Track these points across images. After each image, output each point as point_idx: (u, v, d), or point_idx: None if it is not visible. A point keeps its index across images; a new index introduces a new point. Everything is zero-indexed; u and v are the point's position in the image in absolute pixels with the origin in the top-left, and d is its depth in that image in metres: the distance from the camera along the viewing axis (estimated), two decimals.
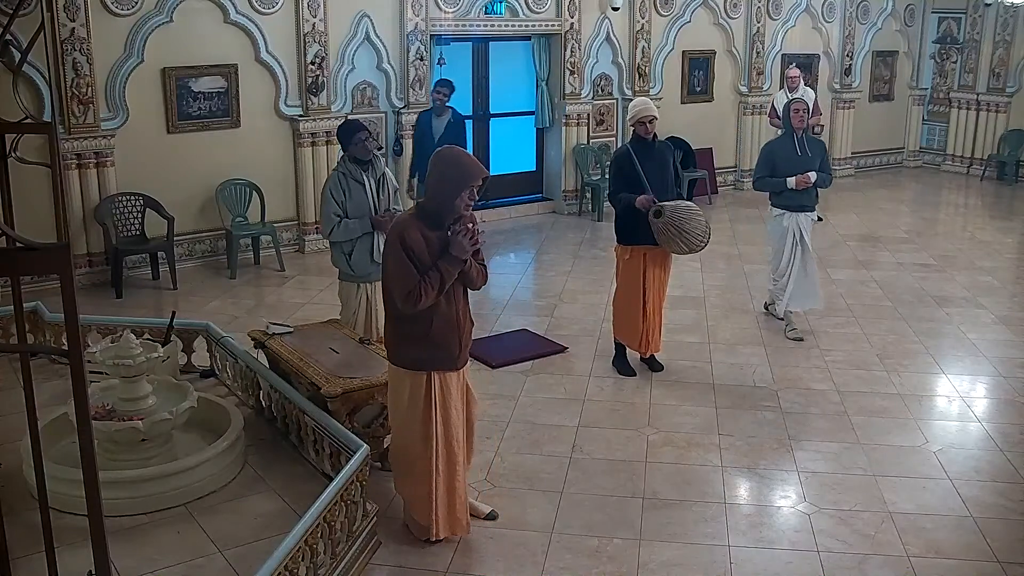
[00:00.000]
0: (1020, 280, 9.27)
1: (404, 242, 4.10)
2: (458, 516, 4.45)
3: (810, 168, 7.16)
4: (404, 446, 4.42)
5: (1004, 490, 5.10)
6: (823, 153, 7.36)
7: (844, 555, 4.46)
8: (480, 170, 4.20)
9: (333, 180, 5.75)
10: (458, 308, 4.29)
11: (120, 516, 4.30)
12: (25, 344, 3.42)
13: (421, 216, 4.21)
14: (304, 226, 9.99)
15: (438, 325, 4.20)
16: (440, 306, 4.20)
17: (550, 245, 10.55)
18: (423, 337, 4.20)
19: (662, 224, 6.14)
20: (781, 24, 13.46)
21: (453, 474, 4.38)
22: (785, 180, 7.14)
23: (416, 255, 4.10)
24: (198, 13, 9.00)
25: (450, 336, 4.25)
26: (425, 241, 4.13)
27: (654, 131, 6.36)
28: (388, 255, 4.19)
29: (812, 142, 7.36)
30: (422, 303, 4.10)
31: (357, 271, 5.82)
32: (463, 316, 4.33)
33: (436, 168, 4.22)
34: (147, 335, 5.81)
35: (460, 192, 4.14)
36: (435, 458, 4.31)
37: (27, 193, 7.15)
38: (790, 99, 7.49)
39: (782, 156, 7.23)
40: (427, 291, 4.08)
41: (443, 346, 4.24)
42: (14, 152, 2.95)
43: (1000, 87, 14.28)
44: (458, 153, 4.30)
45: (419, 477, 4.37)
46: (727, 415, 6.01)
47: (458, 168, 4.16)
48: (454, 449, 4.36)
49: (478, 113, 11.68)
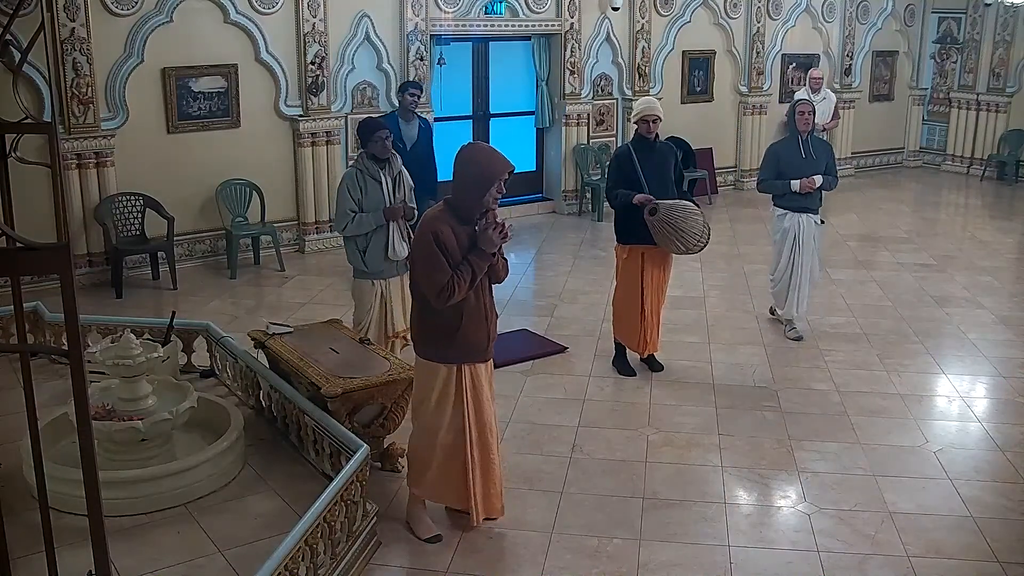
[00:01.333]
0: (1020, 280, 9.27)
1: (437, 238, 4.14)
2: (493, 501, 4.52)
3: (815, 171, 7.09)
4: (431, 440, 4.42)
5: (1004, 490, 5.10)
6: (829, 156, 7.28)
7: (844, 555, 4.46)
8: (507, 164, 4.26)
9: (350, 177, 5.75)
10: (485, 301, 4.35)
11: (120, 516, 4.31)
12: (25, 344, 3.42)
13: (450, 211, 4.25)
14: (304, 226, 9.99)
15: (468, 319, 4.26)
16: (469, 300, 4.25)
17: (550, 245, 10.55)
18: (454, 331, 4.25)
19: (657, 222, 6.13)
20: (781, 24, 13.46)
21: (488, 461, 4.45)
22: (789, 183, 7.08)
23: (448, 251, 4.14)
24: (198, 13, 9.00)
25: (479, 329, 4.31)
26: (455, 236, 4.17)
27: (656, 132, 6.34)
28: (420, 251, 4.22)
29: (818, 144, 7.27)
30: (455, 298, 4.15)
31: (371, 268, 5.81)
32: (490, 309, 4.39)
33: (464, 163, 4.25)
34: (147, 335, 5.81)
35: (489, 187, 4.20)
36: (469, 446, 4.36)
37: (27, 193, 7.15)
38: (796, 100, 7.41)
39: (787, 158, 7.14)
40: (460, 285, 4.13)
41: (473, 339, 4.30)
42: (14, 152, 2.94)
43: (1000, 87, 14.29)
44: (485, 148, 4.36)
45: (449, 469, 4.40)
46: (727, 415, 6.01)
47: (487, 163, 4.22)
48: (487, 437, 4.43)
49: (478, 113, 11.68)
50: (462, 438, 4.37)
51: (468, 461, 4.39)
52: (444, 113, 11.01)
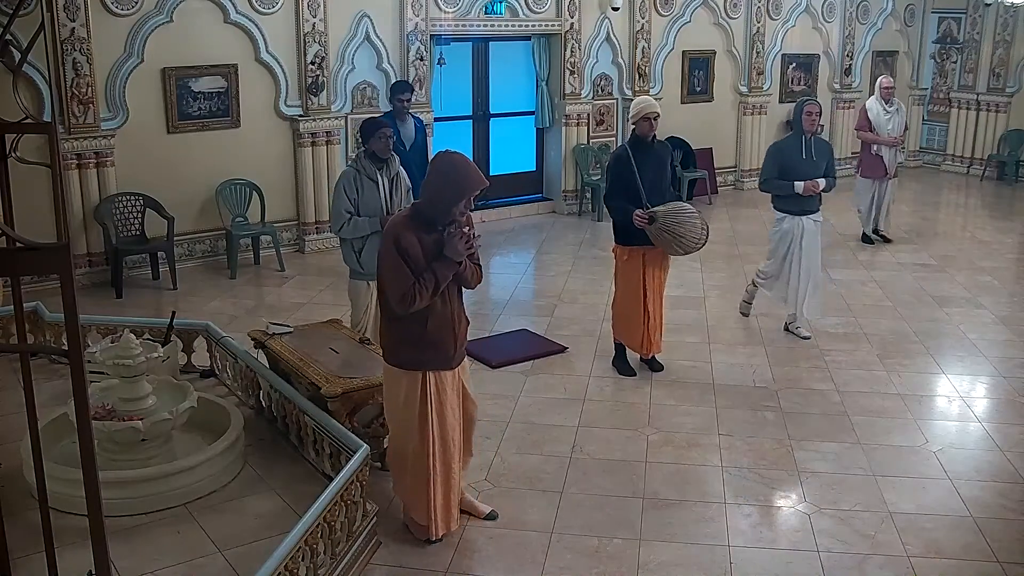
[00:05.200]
0: (1020, 280, 9.27)
1: (399, 244, 4.10)
2: (452, 511, 4.48)
3: (816, 172, 7.07)
4: (402, 446, 4.43)
5: (1004, 490, 5.10)
6: (830, 156, 7.27)
7: (844, 555, 4.46)
8: (482, 181, 4.19)
9: (347, 177, 5.75)
10: (453, 308, 4.30)
11: (120, 516, 4.30)
12: (25, 344, 3.42)
13: (415, 218, 4.21)
14: (304, 226, 9.99)
15: (433, 325, 4.21)
16: (435, 306, 4.21)
17: (550, 245, 10.55)
18: (419, 337, 4.21)
19: (655, 230, 6.13)
20: (781, 24, 13.46)
21: (449, 472, 4.40)
22: (793, 184, 7.03)
23: (411, 258, 4.10)
24: (198, 13, 9.00)
25: (445, 336, 4.26)
26: (420, 243, 4.13)
27: (655, 131, 6.34)
28: (383, 257, 4.20)
29: (819, 145, 7.22)
30: (417, 305, 4.11)
31: (367, 269, 5.81)
32: (458, 316, 4.34)
33: (438, 173, 4.19)
34: (147, 335, 5.82)
35: (459, 200, 4.14)
36: (431, 457, 4.32)
37: (27, 193, 7.15)
38: (803, 99, 7.32)
39: (788, 157, 7.10)
40: (422, 293, 4.10)
41: (438, 346, 4.26)
42: (14, 152, 2.94)
43: (1000, 87, 14.29)
44: (461, 161, 4.25)
45: (416, 477, 4.38)
46: (727, 415, 6.01)
47: (461, 177, 4.15)
48: (450, 448, 4.38)
49: (478, 113, 11.68)
50: (426, 447, 4.32)
51: (430, 472, 4.32)
52: (444, 113, 11.03)
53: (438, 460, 4.34)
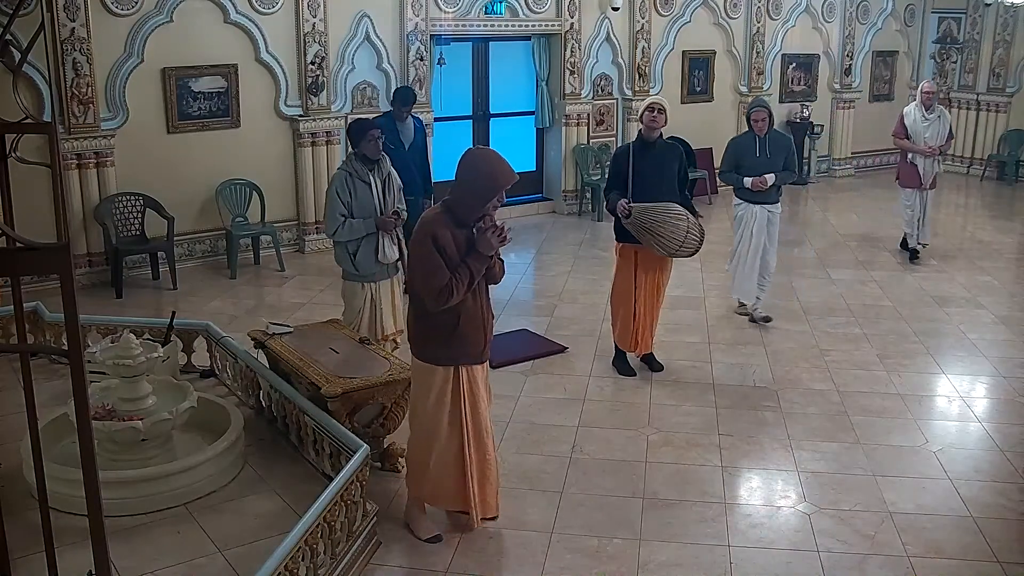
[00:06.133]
0: (1020, 280, 9.27)
1: (436, 241, 4.14)
2: (490, 501, 4.52)
3: (771, 169, 7.36)
4: (426, 441, 4.42)
5: (1004, 490, 5.10)
6: (787, 151, 7.53)
7: (844, 555, 4.46)
8: (513, 175, 4.26)
9: (339, 180, 5.74)
10: (482, 303, 4.36)
11: (120, 516, 4.30)
12: (25, 344, 3.42)
13: (448, 214, 4.24)
14: (304, 226, 9.99)
15: (465, 321, 4.26)
16: (467, 302, 4.25)
17: (550, 245, 10.55)
18: (451, 333, 4.26)
19: (631, 225, 6.15)
20: (781, 24, 13.46)
21: (485, 462, 4.45)
22: (743, 179, 7.41)
23: (447, 254, 4.14)
24: (198, 13, 9.00)
25: (476, 330, 4.32)
26: (454, 239, 4.18)
27: (660, 130, 6.31)
28: (418, 253, 4.21)
29: (777, 141, 7.48)
30: (453, 300, 4.16)
31: (361, 270, 5.82)
32: (487, 311, 4.40)
33: (470, 169, 4.23)
34: (147, 335, 5.82)
35: (492, 195, 4.19)
36: (468, 448, 4.37)
37: (27, 193, 7.15)
38: (751, 105, 7.59)
39: (743, 154, 7.47)
40: (458, 288, 4.14)
41: (470, 341, 4.31)
42: (14, 152, 2.94)
43: (1000, 87, 14.29)
44: (494, 156, 4.31)
45: (445, 468, 4.40)
46: (727, 415, 6.01)
47: (494, 174, 4.19)
48: (483, 438, 4.43)
49: (478, 113, 11.68)
50: (460, 440, 4.37)
51: (466, 462, 4.39)
52: (444, 113, 11.02)
53: (473, 449, 4.39)
